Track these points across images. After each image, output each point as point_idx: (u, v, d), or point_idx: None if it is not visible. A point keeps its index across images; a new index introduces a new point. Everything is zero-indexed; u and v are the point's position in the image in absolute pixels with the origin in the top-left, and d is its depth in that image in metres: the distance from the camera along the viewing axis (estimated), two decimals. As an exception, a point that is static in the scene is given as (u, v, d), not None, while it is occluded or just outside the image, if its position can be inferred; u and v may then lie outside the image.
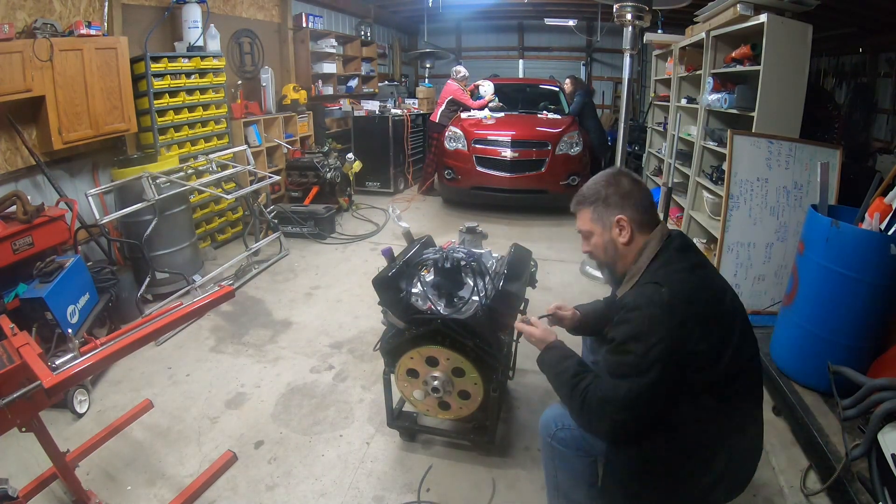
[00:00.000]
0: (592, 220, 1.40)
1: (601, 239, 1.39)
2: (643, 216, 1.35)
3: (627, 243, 1.35)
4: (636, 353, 1.18)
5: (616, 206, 1.35)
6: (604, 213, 1.37)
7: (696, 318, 1.19)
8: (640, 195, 1.36)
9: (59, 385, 1.35)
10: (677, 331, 1.17)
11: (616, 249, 1.37)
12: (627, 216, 1.34)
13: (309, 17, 5.76)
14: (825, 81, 5.94)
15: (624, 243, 1.35)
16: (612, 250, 1.38)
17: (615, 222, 1.35)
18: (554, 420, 1.38)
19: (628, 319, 1.22)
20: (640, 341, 1.18)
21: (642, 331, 1.18)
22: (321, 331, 2.96)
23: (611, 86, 9.06)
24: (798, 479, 1.86)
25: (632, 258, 1.36)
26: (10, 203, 2.48)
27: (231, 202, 4.14)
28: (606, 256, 1.40)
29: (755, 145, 2.89)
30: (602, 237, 1.38)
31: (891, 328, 2.07)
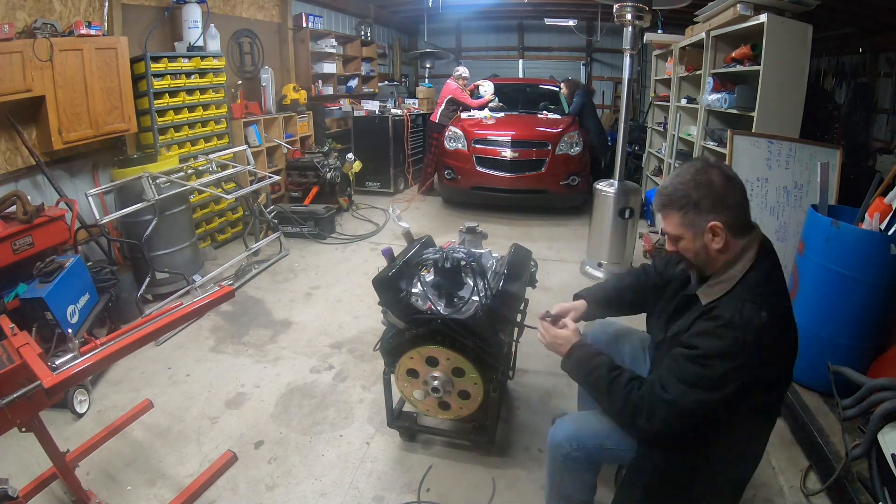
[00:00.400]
0: (682, 224, 1.25)
1: (692, 244, 1.26)
2: (738, 219, 1.24)
3: (722, 249, 1.24)
4: (717, 370, 1.15)
5: (708, 210, 1.21)
6: (695, 219, 1.23)
7: (781, 349, 1.20)
8: (734, 195, 1.23)
9: (59, 385, 1.35)
10: (763, 358, 1.15)
11: (708, 255, 1.26)
12: (722, 222, 1.21)
13: (309, 17, 5.76)
14: (825, 81, 5.94)
15: (718, 250, 1.24)
16: (704, 256, 1.26)
17: (709, 228, 1.22)
18: (568, 440, 1.36)
19: (720, 335, 1.16)
20: (724, 361, 1.15)
21: (731, 352, 1.14)
22: (321, 331, 2.96)
23: (611, 86, 9.06)
24: (798, 479, 1.86)
25: (723, 262, 1.26)
26: (10, 203, 2.48)
27: (231, 202, 4.14)
28: (697, 260, 1.29)
29: (755, 145, 2.89)
30: (693, 243, 1.26)
31: (891, 328, 2.07)
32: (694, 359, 1.18)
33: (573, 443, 1.36)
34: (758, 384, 1.17)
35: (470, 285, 1.77)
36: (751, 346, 1.14)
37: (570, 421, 1.43)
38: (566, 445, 1.37)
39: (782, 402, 1.35)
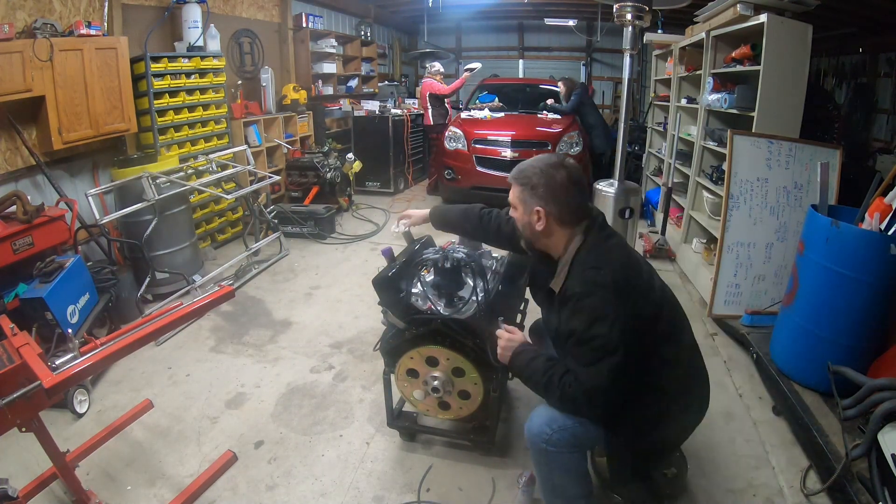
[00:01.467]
0: (518, 198, 1.46)
1: (521, 217, 1.47)
2: (567, 215, 1.41)
3: (544, 231, 1.43)
4: (602, 334, 1.27)
5: (540, 197, 1.41)
6: (528, 198, 1.43)
7: (638, 288, 1.36)
8: (568, 194, 1.41)
9: (59, 385, 1.35)
10: (628, 304, 1.29)
11: (531, 231, 1.46)
12: (547, 210, 1.40)
13: (309, 17, 5.76)
14: (825, 81, 5.94)
15: (540, 230, 1.43)
16: (529, 231, 1.47)
17: (534, 211, 1.42)
18: (547, 423, 1.40)
19: (583, 307, 1.30)
20: (601, 323, 1.27)
21: (600, 314, 1.27)
22: (321, 331, 2.96)
23: (611, 86, 9.06)
24: (798, 479, 1.86)
25: (559, 248, 1.44)
26: (10, 203, 2.48)
27: (231, 202, 4.14)
28: (524, 232, 1.50)
29: (755, 145, 2.89)
30: (522, 216, 1.47)
31: (891, 328, 2.07)
32: (579, 341, 1.31)
33: (552, 425, 1.39)
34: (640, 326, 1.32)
35: (470, 285, 1.77)
36: (610, 300, 1.28)
37: (543, 409, 1.46)
38: (546, 430, 1.39)
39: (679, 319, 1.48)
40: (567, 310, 1.34)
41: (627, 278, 1.33)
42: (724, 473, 1.90)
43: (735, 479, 1.88)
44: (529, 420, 1.46)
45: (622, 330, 1.26)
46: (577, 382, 1.31)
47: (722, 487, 1.84)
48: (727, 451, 2.01)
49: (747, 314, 2.79)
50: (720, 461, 1.95)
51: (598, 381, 1.28)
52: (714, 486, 1.84)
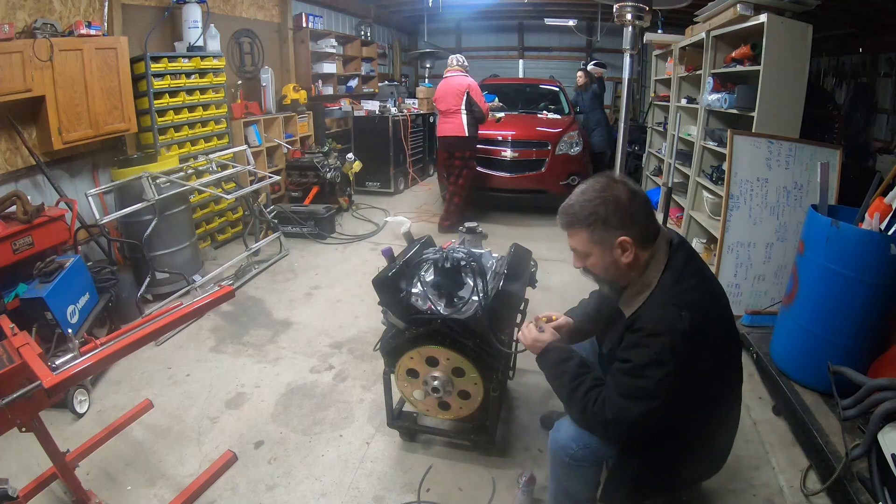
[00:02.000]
0: (591, 241, 1.27)
1: (601, 260, 1.28)
2: (645, 231, 1.26)
3: (632, 263, 1.26)
4: (653, 378, 1.18)
5: (617, 226, 1.23)
6: (604, 235, 1.24)
7: (710, 341, 1.21)
8: (640, 208, 1.25)
9: (59, 385, 1.35)
10: (694, 356, 1.18)
11: (618, 269, 1.28)
12: (630, 236, 1.23)
13: (309, 17, 5.76)
14: (825, 81, 5.94)
15: (627, 263, 1.26)
16: (615, 270, 1.29)
17: (618, 244, 1.24)
18: (574, 440, 1.36)
19: (648, 344, 1.19)
20: (657, 368, 1.17)
21: (662, 359, 1.17)
22: (321, 331, 2.96)
23: (611, 86, 9.05)
24: (798, 479, 1.86)
25: (636, 272, 1.29)
26: (10, 203, 2.48)
27: (231, 202, 4.14)
28: (608, 275, 1.31)
29: (755, 145, 2.89)
30: (602, 259, 1.28)
31: (891, 328, 2.07)
32: (628, 371, 1.22)
33: (579, 442, 1.36)
34: (697, 377, 1.21)
35: (470, 285, 1.77)
36: (679, 348, 1.16)
37: (570, 422, 1.42)
38: (572, 446, 1.36)
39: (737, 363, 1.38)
40: (633, 338, 1.23)
41: (706, 326, 1.19)
42: (724, 473, 1.88)
43: (735, 479, 1.88)
44: (556, 430, 1.42)
45: (675, 381, 1.18)
46: (604, 406, 1.24)
47: (722, 487, 1.84)
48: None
49: (747, 314, 2.79)
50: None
51: (624, 415, 1.21)
52: (714, 485, 1.84)
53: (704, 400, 1.28)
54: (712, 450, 1.41)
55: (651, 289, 1.25)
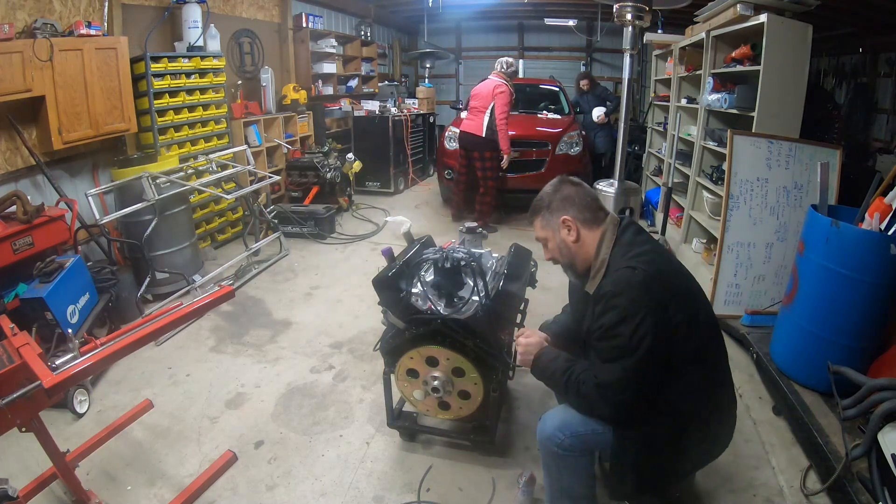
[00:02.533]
0: (542, 226, 1.51)
1: (554, 242, 1.49)
2: (587, 213, 1.45)
3: (576, 240, 1.45)
4: (624, 334, 1.27)
5: (559, 209, 1.46)
6: (550, 218, 1.48)
7: (671, 292, 1.32)
8: (581, 196, 1.47)
9: (59, 385, 1.35)
10: (657, 306, 1.27)
11: (569, 248, 1.47)
12: (571, 216, 1.44)
13: (309, 17, 5.75)
14: (825, 81, 5.94)
15: (573, 241, 1.45)
16: (566, 250, 1.48)
17: (561, 223, 1.46)
18: (560, 429, 1.40)
19: (613, 306, 1.29)
20: (626, 323, 1.26)
21: (629, 313, 1.27)
22: (321, 331, 2.96)
23: (611, 86, 9.03)
24: (798, 479, 1.86)
25: (591, 253, 1.44)
26: (10, 203, 2.48)
27: (231, 202, 4.14)
28: (563, 257, 1.50)
29: (755, 145, 2.89)
30: (554, 240, 1.49)
31: (891, 328, 2.07)
32: (603, 336, 1.31)
33: (565, 431, 1.40)
34: (670, 334, 1.28)
35: (470, 285, 1.77)
36: (641, 301, 1.27)
37: (556, 412, 1.46)
38: (559, 435, 1.40)
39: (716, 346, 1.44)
40: (599, 307, 1.34)
41: (662, 280, 1.31)
42: (724, 473, 1.90)
43: (735, 479, 1.88)
44: (541, 422, 1.46)
45: (647, 333, 1.25)
46: (592, 378, 1.33)
47: (722, 487, 1.84)
48: (727, 452, 1.98)
49: (747, 314, 2.79)
50: (720, 461, 1.93)
51: (610, 377, 1.29)
52: (714, 485, 1.84)
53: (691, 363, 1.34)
54: (711, 428, 1.44)
55: (606, 264, 1.40)
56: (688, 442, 1.39)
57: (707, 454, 1.50)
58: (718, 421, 1.46)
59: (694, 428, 1.38)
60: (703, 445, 1.45)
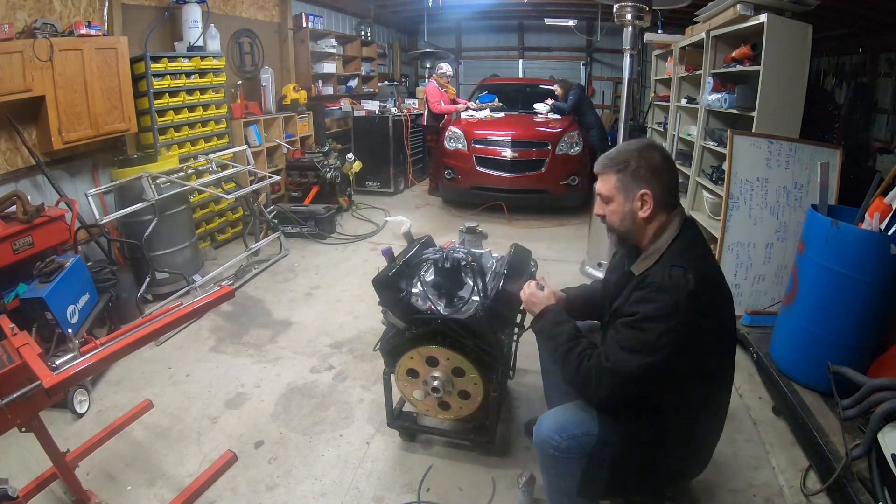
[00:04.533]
0: (616, 187, 1.35)
1: (621, 207, 1.35)
2: (667, 196, 1.33)
3: (647, 219, 1.33)
4: (655, 332, 1.22)
5: (644, 179, 1.32)
6: (630, 183, 1.33)
7: (712, 311, 1.27)
8: (669, 173, 1.34)
9: (59, 385, 1.34)
10: (695, 319, 1.22)
11: (634, 222, 1.35)
12: (653, 192, 1.31)
13: (309, 17, 5.76)
14: (825, 81, 5.94)
15: (644, 218, 1.33)
16: (630, 222, 1.36)
17: (639, 195, 1.32)
18: (556, 431, 1.38)
19: (654, 299, 1.24)
20: (661, 322, 1.21)
21: (666, 313, 1.21)
22: (321, 331, 2.96)
23: (611, 86, 9.06)
24: (798, 479, 1.86)
25: (650, 235, 1.35)
26: (10, 203, 2.48)
27: (231, 202, 4.14)
28: (622, 225, 1.38)
29: (755, 145, 2.89)
30: (622, 206, 1.35)
31: (891, 328, 2.07)
32: (632, 324, 1.26)
33: (561, 433, 1.38)
34: (695, 346, 1.25)
35: (470, 285, 1.77)
36: (682, 306, 1.21)
37: (552, 414, 1.44)
38: (555, 437, 1.38)
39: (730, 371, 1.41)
40: (640, 294, 1.27)
41: (709, 294, 1.26)
42: (724, 473, 1.90)
43: (735, 479, 1.88)
44: (538, 424, 1.44)
45: (675, 340, 1.21)
46: (602, 358, 1.28)
47: (722, 487, 1.84)
48: (727, 451, 2.00)
49: (747, 314, 2.79)
50: (720, 461, 1.95)
51: (621, 367, 1.25)
52: (714, 485, 1.84)
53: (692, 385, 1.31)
54: (693, 446, 1.41)
55: (661, 252, 1.31)
56: (665, 451, 1.36)
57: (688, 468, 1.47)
58: (701, 442, 1.43)
59: (675, 440, 1.35)
60: (678, 463, 1.42)
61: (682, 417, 1.34)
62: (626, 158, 1.34)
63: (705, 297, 1.24)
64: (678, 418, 1.34)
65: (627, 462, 1.35)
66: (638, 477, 1.40)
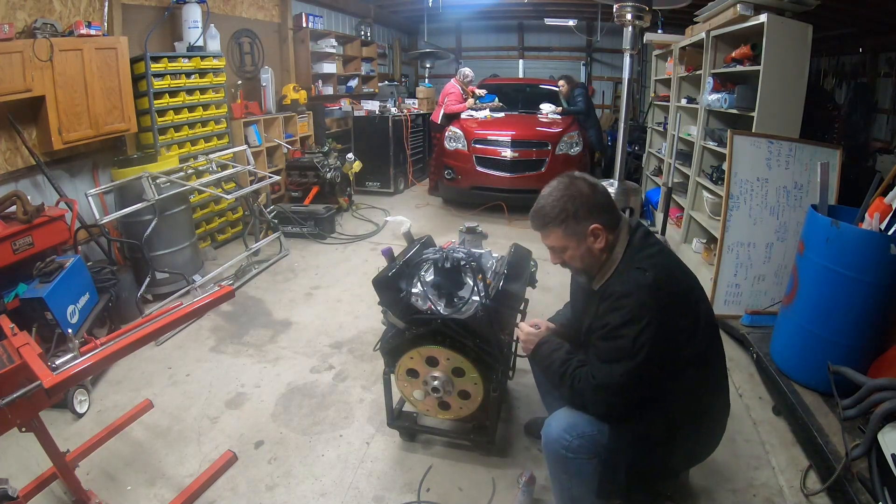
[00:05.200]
0: (565, 237, 1.39)
1: (577, 251, 1.39)
2: (609, 217, 1.38)
3: (604, 247, 1.38)
4: (629, 337, 1.25)
5: (585, 217, 1.35)
6: (576, 227, 1.36)
7: (678, 296, 1.32)
8: (601, 196, 1.38)
9: (59, 385, 1.35)
10: (664, 311, 1.26)
11: (593, 255, 1.39)
12: (600, 222, 1.35)
13: (309, 17, 5.76)
14: (825, 81, 5.94)
15: (600, 248, 1.38)
16: (590, 257, 1.40)
17: (590, 231, 1.36)
18: (567, 430, 1.38)
19: (621, 306, 1.28)
20: (633, 326, 1.25)
21: (635, 316, 1.25)
22: (321, 331, 2.96)
23: (611, 86, 9.05)
24: (798, 479, 1.86)
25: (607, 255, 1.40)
26: (10, 203, 2.48)
27: (231, 202, 4.14)
28: (585, 264, 1.42)
29: (755, 145, 2.89)
30: (578, 249, 1.39)
31: (891, 328, 2.07)
32: (606, 336, 1.30)
33: (572, 432, 1.37)
34: (673, 336, 1.29)
35: (470, 285, 1.77)
36: (649, 304, 1.25)
37: (562, 414, 1.44)
38: (566, 437, 1.37)
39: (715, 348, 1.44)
40: (605, 305, 1.32)
41: (671, 283, 1.31)
42: (724, 473, 1.90)
43: (735, 479, 1.88)
44: (547, 425, 1.44)
45: (651, 337, 1.24)
46: (589, 377, 1.32)
47: (722, 487, 1.84)
48: (727, 451, 2.00)
49: (747, 314, 2.79)
50: (720, 461, 1.95)
51: (608, 380, 1.28)
52: (714, 485, 1.84)
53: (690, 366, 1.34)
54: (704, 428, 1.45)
55: (616, 263, 1.37)
56: (679, 442, 1.39)
57: (696, 456, 1.51)
58: (710, 423, 1.46)
59: (686, 429, 1.38)
60: (693, 446, 1.45)
61: (687, 404, 1.37)
62: (561, 208, 1.36)
63: (667, 286, 1.29)
64: (683, 407, 1.37)
65: (644, 458, 1.37)
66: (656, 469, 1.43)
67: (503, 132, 5.11)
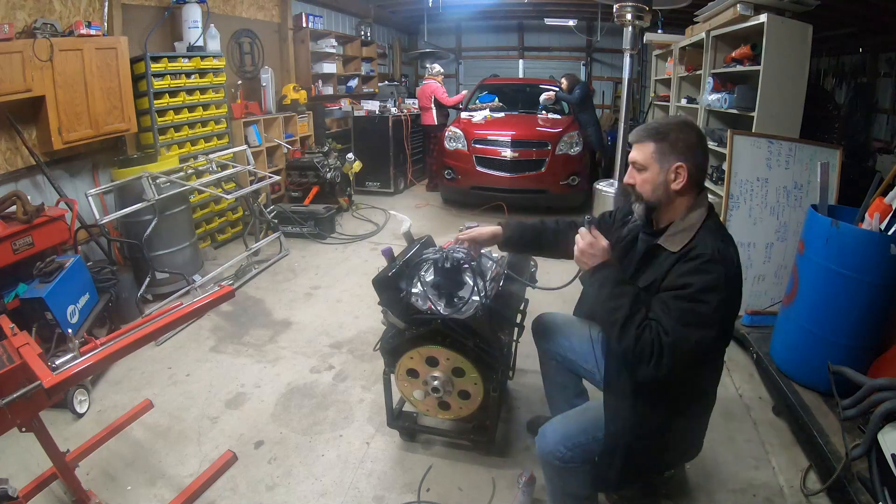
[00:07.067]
0: (653, 155, 1.34)
1: (655, 177, 1.34)
2: (699, 174, 1.34)
3: (679, 192, 1.33)
4: (712, 304, 1.20)
5: (680, 152, 1.31)
6: (667, 154, 1.32)
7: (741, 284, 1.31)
8: (702, 153, 1.34)
9: (59, 385, 1.35)
10: (737, 293, 1.27)
11: (666, 193, 1.34)
12: (687, 167, 1.31)
13: (309, 17, 5.76)
14: (825, 81, 5.94)
15: (676, 191, 1.33)
16: (662, 192, 1.34)
17: (674, 168, 1.31)
18: (562, 442, 1.39)
19: (709, 270, 1.22)
20: (715, 293, 1.20)
21: (720, 285, 1.21)
22: (321, 331, 2.96)
23: (611, 86, 9.05)
24: (798, 479, 1.86)
25: (679, 210, 1.35)
26: (10, 203, 2.48)
27: (231, 202, 4.14)
28: (653, 196, 1.35)
29: (755, 145, 2.89)
30: (657, 176, 1.33)
31: (891, 328, 2.07)
32: (688, 297, 1.22)
33: (566, 443, 1.38)
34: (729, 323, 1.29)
35: (470, 285, 1.77)
36: (732, 279, 1.25)
37: (556, 424, 1.44)
38: (560, 448, 1.38)
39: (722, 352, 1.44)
40: (689, 266, 1.24)
41: (738, 268, 1.29)
42: (724, 473, 1.90)
43: (735, 479, 1.88)
44: (541, 436, 1.44)
45: (726, 312, 1.23)
46: (660, 332, 1.20)
47: (722, 487, 1.84)
48: (727, 451, 2.01)
49: (747, 314, 2.79)
50: (720, 461, 1.95)
51: (684, 343, 1.18)
52: (714, 485, 1.84)
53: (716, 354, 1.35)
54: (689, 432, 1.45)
55: (696, 228, 1.31)
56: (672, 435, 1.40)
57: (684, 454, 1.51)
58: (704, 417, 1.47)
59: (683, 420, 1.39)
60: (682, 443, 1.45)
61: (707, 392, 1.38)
62: (665, 130, 1.33)
63: (739, 273, 1.28)
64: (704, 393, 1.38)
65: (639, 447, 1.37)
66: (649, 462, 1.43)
67: (503, 132, 5.11)
